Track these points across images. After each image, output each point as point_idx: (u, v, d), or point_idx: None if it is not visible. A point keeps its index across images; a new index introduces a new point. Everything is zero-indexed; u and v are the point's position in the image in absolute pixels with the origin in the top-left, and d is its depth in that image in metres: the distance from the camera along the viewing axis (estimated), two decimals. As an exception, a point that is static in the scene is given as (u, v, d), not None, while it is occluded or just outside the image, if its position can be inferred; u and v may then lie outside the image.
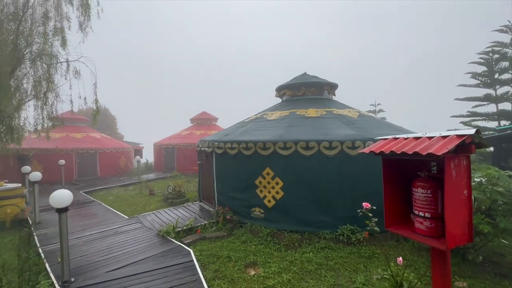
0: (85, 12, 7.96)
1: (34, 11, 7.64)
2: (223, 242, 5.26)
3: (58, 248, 4.97)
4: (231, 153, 6.09)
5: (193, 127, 18.27)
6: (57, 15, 7.67)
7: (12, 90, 7.57)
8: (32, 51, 7.90)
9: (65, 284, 3.57)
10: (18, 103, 8.08)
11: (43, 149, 12.29)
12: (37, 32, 7.82)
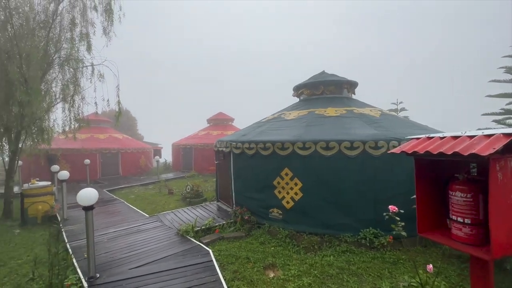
0: (108, 18, 8.30)
1: (62, 18, 8.05)
2: (241, 242, 5.24)
3: (85, 244, 5.18)
4: (249, 153, 6.06)
5: (210, 127, 18.51)
6: (83, 21, 8.03)
7: (42, 93, 8.03)
8: (60, 56, 8.33)
9: (91, 279, 3.69)
10: (48, 105, 8.56)
11: (70, 149, 12.96)
12: (64, 38, 8.23)
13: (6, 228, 6.82)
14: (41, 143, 8.49)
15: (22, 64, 7.25)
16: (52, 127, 8.75)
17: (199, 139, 16.89)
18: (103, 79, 8.56)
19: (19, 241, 5.94)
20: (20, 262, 4.87)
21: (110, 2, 8.26)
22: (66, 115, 8.78)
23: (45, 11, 7.95)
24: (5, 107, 7.48)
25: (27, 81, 7.25)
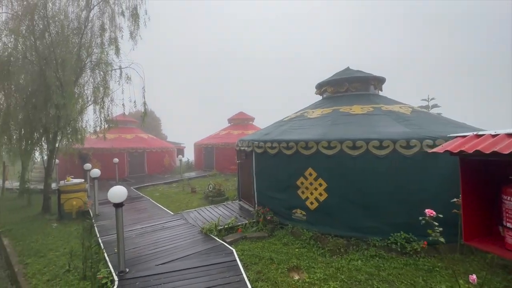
0: (135, 22, 8.63)
1: (93, 25, 8.49)
2: (264, 243, 5.18)
3: (115, 239, 5.42)
4: (271, 152, 5.99)
5: (230, 127, 18.68)
6: (112, 26, 8.42)
7: (76, 96, 8.55)
8: (91, 61, 8.81)
9: (121, 274, 3.84)
10: (81, 108, 9.10)
11: (100, 149, 13.73)
12: (95, 43, 8.69)
13: (46, 221, 7.35)
14: (75, 143, 9.06)
15: (58, 69, 7.75)
16: (84, 128, 9.30)
17: (220, 138, 17.11)
18: (130, 81, 8.94)
19: (56, 234, 6.36)
20: (57, 254, 5.20)
21: (136, 7, 8.60)
22: (97, 116, 9.28)
23: (77, 19, 8.44)
24: (44, 110, 8.06)
25: (62, 85, 7.76)
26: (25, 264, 4.95)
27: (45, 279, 4.33)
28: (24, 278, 4.47)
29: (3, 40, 7.76)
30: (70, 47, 8.19)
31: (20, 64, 7.85)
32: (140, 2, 8.67)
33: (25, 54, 7.84)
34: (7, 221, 7.54)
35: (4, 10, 7.64)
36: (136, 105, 9.10)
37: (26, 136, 8.50)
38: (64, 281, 4.17)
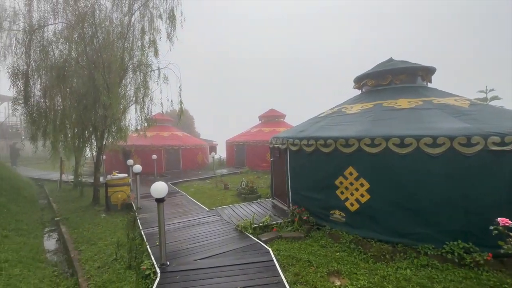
0: (171, 24, 8.95)
1: (134, 29, 8.99)
2: (301, 244, 5.01)
3: (155, 231, 5.70)
4: (307, 150, 5.75)
5: (261, 124, 18.63)
6: (151, 28, 8.83)
7: (120, 97, 9.17)
8: (133, 63, 9.35)
9: (163, 266, 3.98)
10: (124, 107, 9.73)
11: (141, 146, 14.65)
12: (136, 46, 9.20)
13: (95, 212, 8.02)
14: (119, 140, 9.75)
15: (105, 72, 8.37)
16: (127, 126, 9.94)
17: (251, 136, 17.17)
18: (167, 81, 9.33)
19: (104, 224, 6.89)
20: (106, 243, 5.61)
21: (173, 9, 8.90)
22: (138, 115, 9.87)
23: (121, 24, 9.01)
24: (93, 110, 8.79)
25: (108, 86, 8.35)
26: (79, 250, 5.43)
27: (96, 265, 4.68)
28: (78, 263, 4.89)
29: (60, 47, 8.58)
30: (115, 51, 8.77)
31: (73, 69, 8.64)
32: (176, 4, 8.97)
33: (77, 59, 8.59)
34: (64, 210, 8.41)
35: (60, 21, 8.43)
36: (173, 104, 9.49)
37: (78, 134, 9.37)
38: (112, 269, 4.46)
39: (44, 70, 8.25)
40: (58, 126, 8.30)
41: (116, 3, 8.65)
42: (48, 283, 4.29)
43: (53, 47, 8.39)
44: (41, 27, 8.06)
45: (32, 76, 8.10)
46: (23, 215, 7.31)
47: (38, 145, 8.52)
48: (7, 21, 7.97)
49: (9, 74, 7.84)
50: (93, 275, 4.36)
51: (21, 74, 7.93)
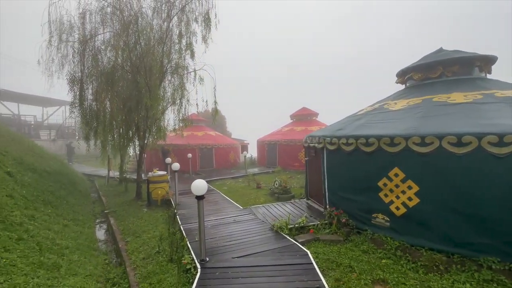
0: (206, 26, 9.20)
1: (172, 33, 9.43)
2: (340, 247, 4.77)
3: (194, 227, 5.91)
4: (347, 149, 5.47)
5: (293, 123, 18.34)
6: (187, 32, 9.17)
7: (159, 98, 9.71)
8: (171, 66, 9.82)
9: (202, 262, 4.08)
10: (163, 108, 10.29)
11: (177, 145, 15.39)
12: (174, 50, 9.64)
13: (138, 206, 8.60)
14: (159, 139, 10.33)
15: (146, 75, 8.92)
16: (166, 126, 10.50)
17: (282, 135, 16.99)
18: (202, 82, 9.62)
19: (147, 218, 7.34)
20: (149, 236, 5.96)
21: (208, 12, 9.13)
22: (175, 115, 10.37)
23: (160, 30, 9.52)
24: (136, 111, 9.43)
25: (149, 89, 8.90)
26: (126, 241, 5.85)
27: (141, 256, 4.99)
28: (125, 253, 5.26)
29: (108, 55, 9.36)
30: (155, 55, 9.32)
31: (119, 74, 9.36)
32: (211, 6, 9.19)
33: (122, 65, 9.29)
34: (112, 204, 9.16)
35: (108, 30, 9.19)
36: (208, 104, 9.79)
37: (123, 134, 10.13)
38: (156, 261, 4.71)
39: (95, 76, 9.08)
40: (107, 127, 9.06)
41: (156, 10, 9.15)
42: (101, 270, 4.68)
43: (102, 55, 9.18)
44: (93, 37, 8.87)
45: (86, 82, 8.96)
46: (79, 207, 8.12)
47: (90, 144, 9.41)
48: (64, 33, 8.89)
49: (67, 81, 8.77)
50: (139, 266, 4.65)
51: (77, 81, 8.82)
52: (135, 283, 4.08)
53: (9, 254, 3.57)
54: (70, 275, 3.93)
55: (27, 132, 23.14)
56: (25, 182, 6.60)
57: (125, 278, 4.41)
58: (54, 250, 4.45)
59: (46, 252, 4.21)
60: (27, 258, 3.74)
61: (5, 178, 5.93)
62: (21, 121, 25.90)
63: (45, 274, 3.61)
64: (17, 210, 4.96)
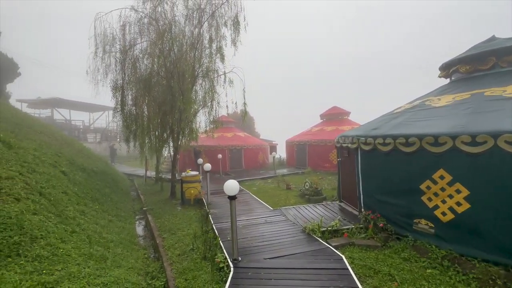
0: (235, 29, 9.37)
1: (203, 38, 9.77)
2: (377, 254, 4.50)
3: (226, 226, 6.03)
4: (384, 149, 5.15)
5: (323, 123, 17.84)
6: (217, 36, 9.43)
7: (192, 101, 10.12)
8: (202, 70, 10.18)
9: (235, 261, 4.14)
10: (195, 111, 10.70)
11: (208, 146, 15.90)
12: (204, 54, 9.99)
13: (173, 205, 9.04)
14: (191, 141, 10.77)
15: (180, 80, 9.36)
16: (198, 128, 10.90)
17: (312, 135, 16.62)
18: (232, 84, 9.82)
19: (181, 216, 7.67)
20: (183, 233, 6.22)
21: (237, 15, 9.30)
22: (206, 117, 10.73)
23: (192, 36, 9.93)
24: (170, 114, 9.94)
25: (182, 93, 9.32)
26: (162, 238, 6.17)
27: (176, 253, 5.23)
28: (162, 249, 5.55)
29: (145, 62, 10.01)
30: (188, 61, 9.73)
31: (155, 80, 9.96)
32: (240, 10, 9.34)
33: (158, 71, 9.86)
34: (149, 201, 9.76)
35: (145, 39, 9.83)
36: (237, 106, 9.96)
37: (159, 136, 10.75)
38: (190, 258, 4.89)
39: (134, 82, 9.76)
40: (145, 130, 9.68)
41: (188, 18, 9.57)
42: (141, 263, 5.00)
43: (140, 63, 9.85)
44: (132, 47, 9.55)
45: (126, 89, 9.69)
46: (121, 204, 8.79)
47: (130, 145, 10.14)
48: (108, 45, 9.71)
49: (110, 88, 9.56)
50: (175, 261, 4.87)
51: (118, 88, 9.57)
52: (172, 278, 4.28)
53: (65, 245, 3.98)
54: (115, 266, 4.26)
55: (76, 136, 25.70)
56: (77, 181, 7.32)
57: (163, 273, 4.64)
58: (101, 243, 4.86)
59: (95, 245, 4.61)
60: (79, 249, 4.13)
61: (60, 176, 6.64)
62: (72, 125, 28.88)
63: (94, 264, 3.95)
64: (71, 205, 5.52)
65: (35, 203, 4.42)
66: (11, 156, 5.45)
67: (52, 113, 27.71)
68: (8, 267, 2.95)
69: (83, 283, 3.29)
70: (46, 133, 10.77)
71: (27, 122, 11.00)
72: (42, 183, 5.31)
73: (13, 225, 3.49)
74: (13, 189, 4.28)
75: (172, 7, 9.53)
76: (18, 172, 4.94)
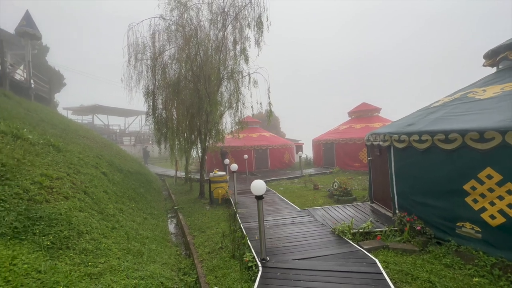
0: (259, 30, 9.40)
1: (228, 41, 9.95)
2: (415, 258, 4.21)
3: (253, 226, 6.07)
4: (420, 147, 4.80)
5: (351, 120, 17.15)
6: (241, 38, 9.54)
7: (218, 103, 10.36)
8: (227, 72, 10.37)
9: (263, 261, 4.15)
10: (221, 113, 10.93)
11: (234, 146, 16.16)
12: (229, 56, 10.15)
13: (201, 204, 9.33)
14: (218, 142, 11.02)
15: (206, 83, 9.63)
16: (224, 129, 11.13)
17: (340, 133, 16.06)
18: (256, 85, 9.87)
19: (209, 215, 7.89)
20: (212, 232, 6.39)
21: (260, 15, 9.32)
22: (232, 119, 10.91)
23: (216, 39, 10.16)
24: (198, 117, 10.27)
25: (209, 95, 9.58)
26: (193, 236, 6.40)
27: (206, 251, 5.38)
28: (193, 247, 5.75)
29: (173, 67, 10.47)
30: (213, 63, 9.98)
31: (183, 84, 10.36)
32: (263, 10, 9.35)
33: (186, 75, 10.25)
34: (180, 201, 10.18)
35: (173, 45, 10.28)
36: (262, 106, 9.98)
37: (187, 138, 11.17)
38: (219, 256, 5.01)
39: (163, 87, 10.26)
40: (175, 132, 10.13)
41: (213, 22, 9.80)
42: (174, 260, 5.23)
43: (169, 68, 10.31)
44: (161, 53, 10.04)
45: (157, 94, 10.22)
46: (154, 203, 9.29)
47: (161, 147, 10.67)
48: (139, 53, 10.34)
49: (143, 94, 10.16)
50: (205, 259, 5.02)
51: (150, 93, 10.13)
52: (202, 275, 4.42)
53: (106, 240, 4.31)
54: (150, 262, 4.51)
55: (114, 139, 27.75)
56: (115, 181, 7.89)
57: (194, 269, 4.81)
58: (138, 239, 5.18)
59: (132, 241, 4.93)
60: (119, 244, 4.45)
61: (101, 177, 7.20)
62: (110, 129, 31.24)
63: (132, 259, 4.23)
64: (111, 203, 5.96)
65: (80, 201, 4.85)
66: (60, 158, 6.04)
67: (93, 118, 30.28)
68: (60, 259, 3.27)
69: (123, 276, 3.53)
70: (88, 137, 11.78)
71: (72, 128, 12.12)
72: (86, 183, 5.81)
73: (63, 220, 3.86)
74: (62, 188, 4.74)
75: (197, 12, 9.85)
76: (66, 173, 5.45)
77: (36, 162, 4.87)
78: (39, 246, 3.22)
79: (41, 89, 16.93)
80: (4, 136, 5.09)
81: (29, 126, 7.05)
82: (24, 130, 5.96)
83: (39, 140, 6.07)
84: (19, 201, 3.63)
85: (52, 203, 4.11)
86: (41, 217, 3.62)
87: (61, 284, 2.79)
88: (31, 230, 3.37)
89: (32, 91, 14.56)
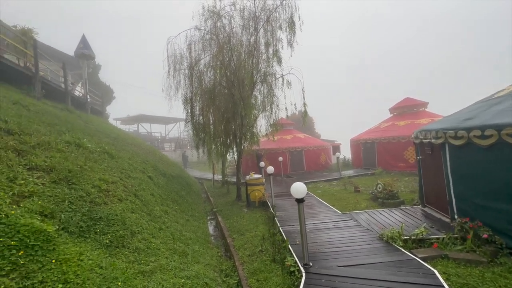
0: (291, 30, 9.30)
1: (260, 44, 10.03)
2: (483, 271, 3.68)
3: (293, 229, 5.94)
4: (483, 144, 4.22)
5: (394, 117, 15.92)
6: (273, 40, 9.54)
7: (252, 107, 10.47)
8: (260, 75, 10.44)
9: (306, 266, 4.02)
10: (255, 116, 11.03)
11: (268, 149, 16.15)
12: (262, 60, 10.22)
13: (239, 207, 9.46)
14: (253, 145, 11.12)
15: (240, 88, 9.81)
16: (258, 132, 11.20)
17: (382, 132, 15.01)
18: (290, 86, 9.75)
19: (247, 218, 7.95)
20: (251, 235, 6.41)
21: (292, 16, 9.22)
22: (266, 121, 10.94)
23: (248, 44, 10.31)
24: (233, 120, 10.50)
25: (243, 99, 9.74)
26: (232, 238, 6.50)
27: (246, 253, 5.41)
28: (233, 249, 5.84)
29: (208, 75, 10.90)
30: (246, 68, 10.14)
31: (218, 89, 10.71)
32: (294, 10, 9.24)
33: (220, 81, 10.58)
34: (218, 203, 10.48)
35: (208, 54, 10.70)
36: (296, 107, 9.83)
37: (223, 141, 11.49)
38: (260, 259, 4.99)
39: (200, 94, 10.72)
40: (212, 137, 10.49)
41: (244, 27, 9.99)
42: (215, 261, 5.36)
43: (205, 76, 10.75)
44: (197, 62, 10.53)
45: (194, 101, 10.72)
46: (195, 205, 9.71)
47: (199, 152, 11.14)
48: (177, 64, 11.00)
49: (181, 102, 10.74)
50: (246, 262, 5.05)
51: (188, 101, 10.67)
52: (244, 277, 4.45)
53: (155, 240, 4.59)
54: (194, 262, 4.68)
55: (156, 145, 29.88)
56: (160, 184, 8.43)
57: (235, 271, 4.87)
58: (182, 240, 5.43)
59: (177, 241, 5.18)
60: (166, 244, 4.71)
61: (148, 181, 7.76)
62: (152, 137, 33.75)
63: (178, 259, 4.43)
64: (157, 206, 6.37)
65: (132, 203, 5.26)
66: (113, 164, 6.66)
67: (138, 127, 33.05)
68: (117, 256, 3.57)
69: (171, 275, 3.72)
70: (135, 144, 12.84)
71: (122, 136, 13.34)
72: (136, 186, 6.30)
73: (118, 221, 4.22)
74: (116, 191, 5.20)
75: (230, 20, 10.13)
76: (119, 178, 5.98)
77: (95, 168, 5.43)
78: (100, 244, 3.55)
79: (96, 103, 19.02)
80: (69, 146, 5.78)
81: (88, 136, 7.92)
82: (84, 139, 6.71)
83: (96, 148, 6.77)
84: (83, 203, 4.07)
85: (109, 205, 4.53)
86: (100, 218, 4.00)
87: (119, 279, 3.03)
88: (93, 229, 3.74)
89: (88, 105, 16.43)
